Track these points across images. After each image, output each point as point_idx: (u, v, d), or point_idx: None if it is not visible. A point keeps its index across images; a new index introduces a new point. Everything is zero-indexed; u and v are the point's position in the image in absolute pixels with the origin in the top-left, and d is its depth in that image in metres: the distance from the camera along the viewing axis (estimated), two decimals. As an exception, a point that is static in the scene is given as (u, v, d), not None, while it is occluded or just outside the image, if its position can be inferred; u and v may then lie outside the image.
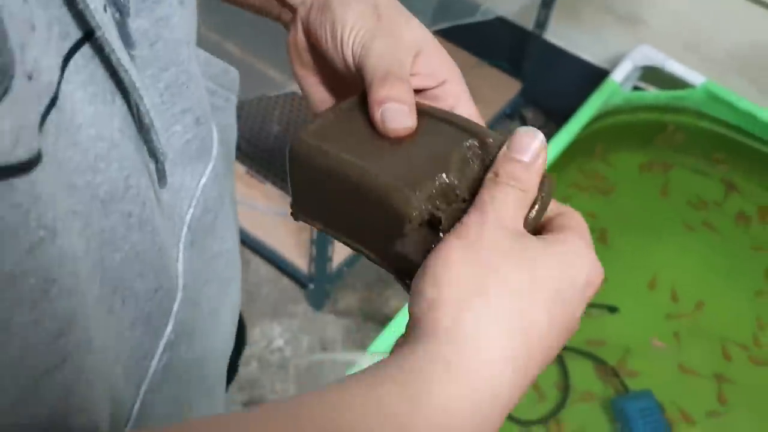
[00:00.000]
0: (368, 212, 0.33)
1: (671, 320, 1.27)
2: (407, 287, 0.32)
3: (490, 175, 0.32)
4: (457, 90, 0.37)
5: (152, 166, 0.32)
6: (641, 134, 1.49)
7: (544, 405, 1.16)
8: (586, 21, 1.54)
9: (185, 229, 0.37)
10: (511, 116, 1.67)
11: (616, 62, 1.44)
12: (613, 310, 1.28)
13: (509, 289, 0.28)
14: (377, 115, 0.34)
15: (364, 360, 0.98)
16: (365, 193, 0.33)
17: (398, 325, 1.06)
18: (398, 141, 0.34)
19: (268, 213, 1.46)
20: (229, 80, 0.44)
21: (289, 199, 0.38)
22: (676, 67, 1.40)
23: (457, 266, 0.28)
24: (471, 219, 0.30)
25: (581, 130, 1.38)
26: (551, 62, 1.59)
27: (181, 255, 0.37)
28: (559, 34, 1.58)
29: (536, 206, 0.32)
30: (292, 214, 0.37)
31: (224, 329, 0.44)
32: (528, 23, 1.59)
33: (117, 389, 0.32)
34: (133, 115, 0.30)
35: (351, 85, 0.38)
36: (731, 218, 1.42)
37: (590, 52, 1.57)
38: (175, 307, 0.36)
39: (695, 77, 1.40)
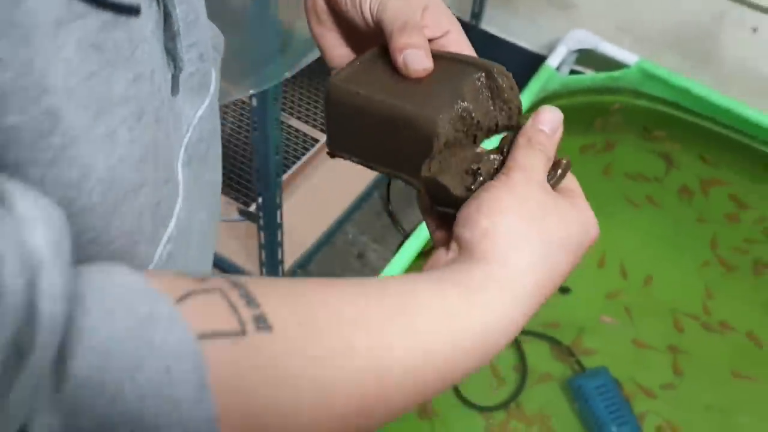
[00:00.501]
0: (400, 140, 0.40)
1: (622, 296, 1.28)
2: (433, 208, 0.41)
3: (523, 140, 0.40)
4: (459, 38, 0.44)
5: (168, 75, 0.37)
6: (581, 117, 1.51)
7: (504, 389, 1.17)
8: (520, 8, 1.56)
9: (183, 149, 0.41)
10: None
11: (552, 47, 1.46)
12: (565, 291, 1.29)
13: (546, 239, 0.37)
14: (400, 59, 0.41)
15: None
16: (396, 123, 0.40)
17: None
18: (418, 81, 0.41)
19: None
20: (219, 42, 0.49)
21: (237, 205, 0.41)
22: (610, 49, 1.43)
23: (509, 212, 0.37)
24: (517, 175, 0.38)
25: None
26: (488, 51, 1.58)
27: (180, 169, 0.40)
28: (494, 23, 1.60)
29: (559, 171, 0.41)
30: (328, 152, 0.44)
31: None
32: (464, 14, 1.60)
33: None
34: (164, 22, 0.35)
35: (366, 40, 0.45)
36: (674, 192, 1.44)
37: (526, 39, 1.58)
38: (177, 207, 0.39)
39: (629, 57, 1.42)
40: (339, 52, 0.47)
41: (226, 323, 0.28)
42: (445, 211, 0.40)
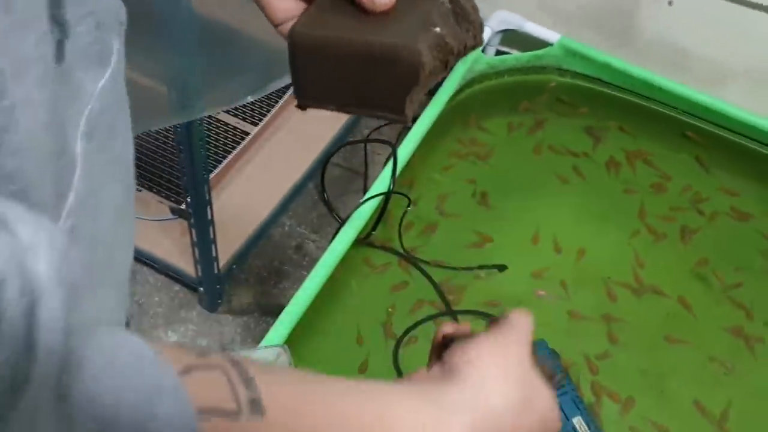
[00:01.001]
0: (379, 77, 0.39)
1: (556, 270, 1.31)
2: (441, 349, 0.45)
3: (518, 310, 0.49)
4: None
5: (54, 44, 0.35)
6: (510, 97, 1.53)
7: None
8: (443, -9, 1.56)
9: (83, 119, 0.40)
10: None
11: (476, 29, 1.47)
12: (502, 268, 1.31)
13: (521, 392, 0.42)
14: None
15: (257, 354, 0.96)
16: (374, 60, 0.39)
17: (290, 314, 1.04)
18: (384, 15, 0.40)
19: (147, 221, 1.41)
20: (122, 13, 0.49)
21: (169, 203, 0.40)
22: (533, 28, 1.45)
23: (497, 355, 0.43)
24: (511, 334, 0.45)
25: (451, 100, 1.41)
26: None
27: (79, 141, 0.39)
28: (419, 7, 1.60)
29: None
30: (298, 105, 0.43)
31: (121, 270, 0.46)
32: None
33: None
34: None
35: None
36: (602, 166, 1.48)
37: (451, 22, 1.59)
38: (75, 178, 0.38)
39: (552, 35, 1.44)
40: (284, 5, 0.47)
41: (225, 402, 0.29)
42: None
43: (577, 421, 1.09)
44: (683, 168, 1.47)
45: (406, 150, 1.26)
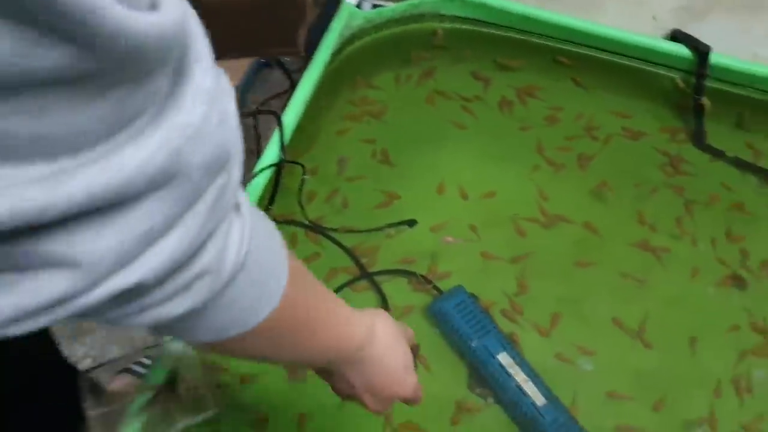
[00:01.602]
0: (271, 19, 0.44)
1: (465, 216, 1.31)
2: None
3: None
4: None
5: None
6: (394, 50, 1.52)
7: (369, 333, 1.17)
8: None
9: None
10: (269, 64, 1.64)
11: (349, -14, 1.44)
12: (412, 224, 1.30)
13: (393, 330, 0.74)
14: None
15: (171, 347, 0.93)
16: (264, 4, 0.43)
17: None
18: None
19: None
20: None
21: None
22: (405, -23, 1.43)
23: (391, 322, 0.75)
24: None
25: (333, 61, 1.37)
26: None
27: None
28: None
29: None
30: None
31: None
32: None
33: None
34: None
35: None
36: (495, 107, 1.48)
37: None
38: None
39: (425, -18, 1.43)
40: None
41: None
42: None
43: (503, 356, 1.10)
44: (568, 95, 1.49)
45: (291, 115, 1.22)
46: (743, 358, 1.18)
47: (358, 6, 1.38)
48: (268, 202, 1.19)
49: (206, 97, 0.30)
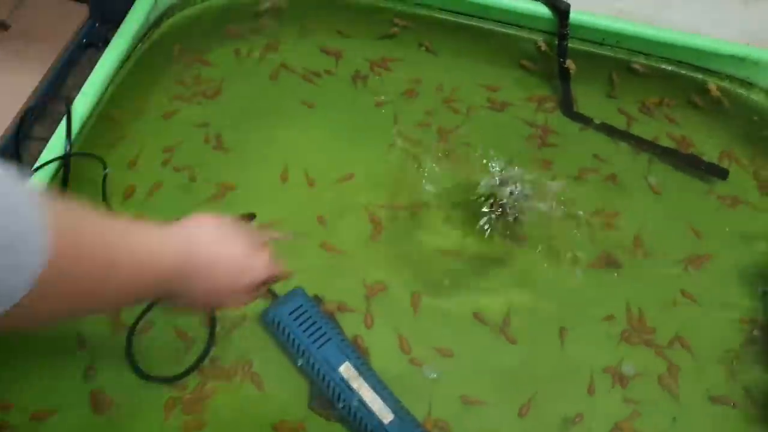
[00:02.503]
0: None
1: (311, 205, 1.15)
2: None
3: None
4: None
5: None
6: (221, 22, 1.34)
7: (195, 350, 0.99)
8: None
9: None
10: (94, 44, 1.42)
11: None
12: (251, 218, 1.13)
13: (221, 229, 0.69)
14: None
15: None
16: None
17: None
18: None
19: None
20: None
21: None
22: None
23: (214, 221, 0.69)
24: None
25: (149, 34, 1.18)
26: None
27: None
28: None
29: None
30: None
31: None
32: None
33: None
34: None
35: None
36: (347, 81, 1.33)
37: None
38: None
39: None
40: None
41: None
42: None
43: (345, 368, 0.94)
44: (425, 66, 1.35)
45: (84, 103, 1.03)
46: (617, 347, 1.07)
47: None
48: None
49: None
